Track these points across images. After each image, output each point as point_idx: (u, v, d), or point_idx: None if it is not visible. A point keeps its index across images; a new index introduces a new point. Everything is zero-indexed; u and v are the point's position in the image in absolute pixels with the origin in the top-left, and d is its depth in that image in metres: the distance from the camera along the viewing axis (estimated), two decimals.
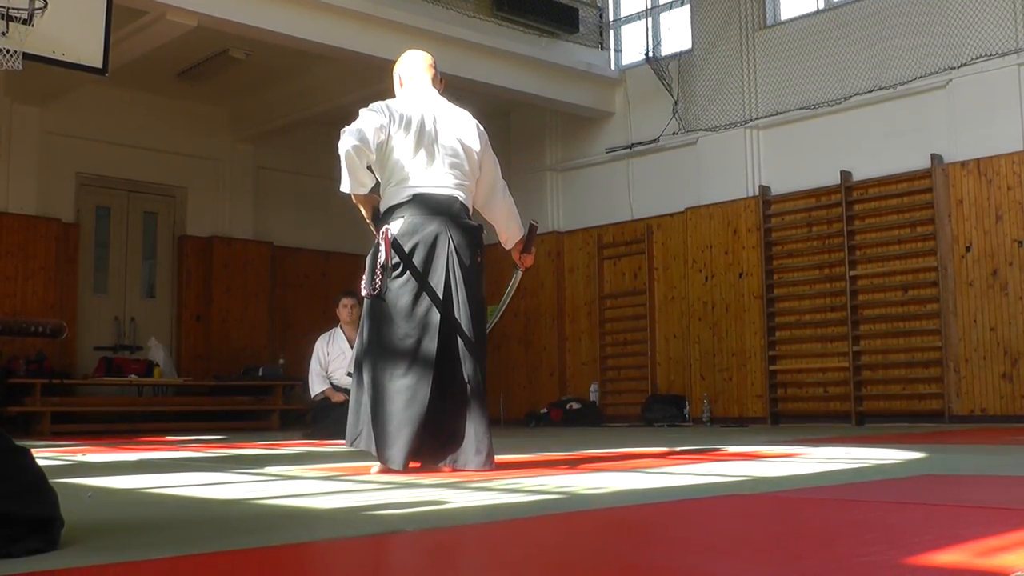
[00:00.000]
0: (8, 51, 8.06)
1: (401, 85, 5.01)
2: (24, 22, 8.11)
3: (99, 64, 8.81)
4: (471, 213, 4.82)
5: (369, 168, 4.60)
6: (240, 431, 11.66)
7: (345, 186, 4.58)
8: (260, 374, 13.13)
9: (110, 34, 8.84)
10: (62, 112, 12.61)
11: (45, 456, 6.01)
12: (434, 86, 4.96)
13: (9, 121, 12.30)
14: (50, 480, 2.26)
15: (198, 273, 13.95)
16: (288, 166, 14.73)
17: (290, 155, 14.59)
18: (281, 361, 13.53)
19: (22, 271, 12.13)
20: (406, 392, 4.42)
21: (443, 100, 4.91)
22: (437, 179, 4.65)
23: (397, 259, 4.55)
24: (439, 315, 4.50)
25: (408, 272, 4.53)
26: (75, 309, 12.69)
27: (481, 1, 12.22)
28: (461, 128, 4.80)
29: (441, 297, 4.51)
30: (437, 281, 4.53)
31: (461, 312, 4.54)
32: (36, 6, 8.16)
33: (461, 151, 4.74)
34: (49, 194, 12.62)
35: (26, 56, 8.21)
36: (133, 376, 12.33)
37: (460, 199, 4.71)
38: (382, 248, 4.57)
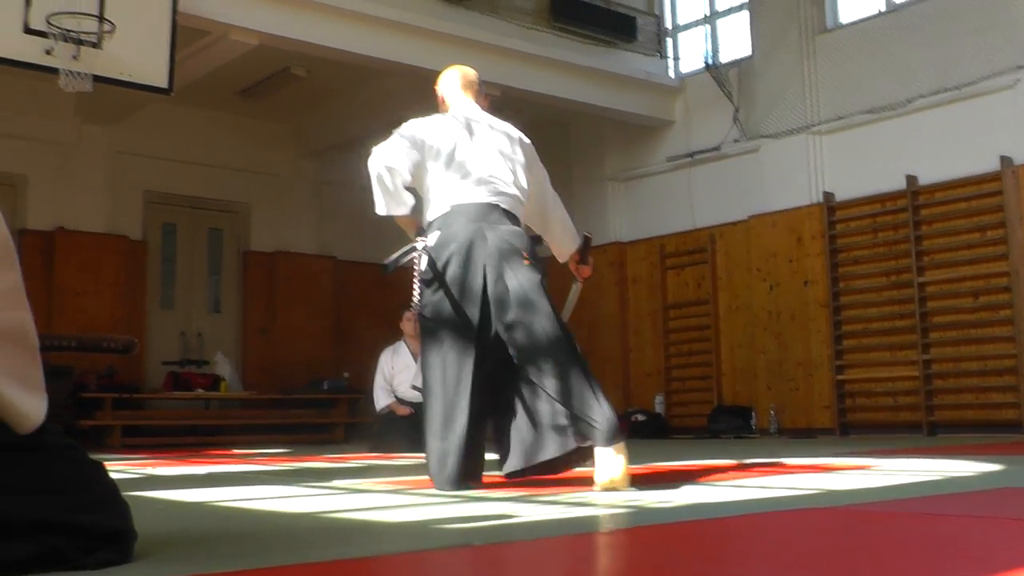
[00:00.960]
0: (78, 73, 8.23)
1: (443, 103, 4.91)
2: (93, 45, 8.28)
3: (164, 84, 8.97)
4: (521, 223, 4.60)
5: (410, 189, 4.50)
6: (305, 444, 11.74)
7: (380, 208, 4.48)
8: (325, 387, 13.21)
9: (175, 54, 9.00)
10: (129, 131, 12.80)
11: (116, 469, 6.08)
12: (477, 102, 4.84)
13: (79, 141, 12.52)
14: (122, 492, 2.28)
15: (263, 288, 14.08)
16: (350, 180, 14.74)
17: (352, 169, 14.54)
18: (345, 374, 13.60)
19: (91, 287, 12.32)
20: (450, 411, 4.25)
21: (484, 115, 4.77)
22: (476, 192, 4.47)
23: (433, 272, 4.38)
24: (476, 326, 4.30)
25: (444, 284, 4.36)
26: (143, 324, 12.85)
27: (539, 12, 12.23)
28: (502, 142, 4.64)
29: (479, 306, 4.31)
30: (474, 291, 4.33)
31: (511, 314, 4.27)
32: (104, 29, 8.33)
33: (502, 165, 4.58)
34: (117, 212, 12.81)
35: (95, 78, 8.39)
36: (200, 390, 12.48)
37: (501, 206, 4.50)
38: (420, 262, 4.43)
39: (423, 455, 4.44)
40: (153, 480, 5.67)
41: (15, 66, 8.35)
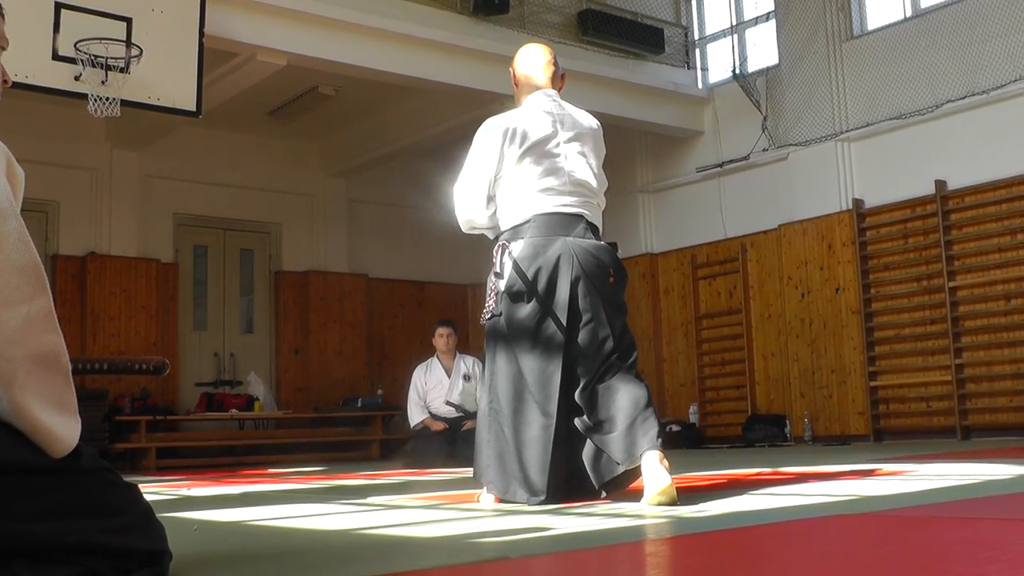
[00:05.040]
0: (107, 99, 8.30)
1: (516, 85, 4.72)
2: (121, 70, 8.36)
3: (193, 107, 9.03)
4: (601, 230, 4.50)
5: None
6: (341, 462, 11.76)
7: (464, 227, 4.59)
8: (359, 405, 13.22)
9: (202, 77, 9.05)
10: (159, 155, 12.88)
11: (151, 491, 6.11)
12: (553, 86, 4.67)
13: (110, 166, 12.61)
14: (157, 514, 2.29)
15: (295, 307, 14.13)
16: (380, 198, 14.87)
17: (382, 187, 14.73)
18: (379, 391, 13.63)
19: (125, 311, 12.39)
20: (533, 429, 4.16)
21: (564, 105, 4.62)
22: (560, 198, 4.37)
23: (518, 285, 4.27)
24: (563, 343, 4.20)
25: (530, 298, 4.25)
26: (176, 346, 12.92)
27: (567, 26, 12.25)
28: (585, 139, 4.53)
29: (565, 324, 4.21)
30: (560, 307, 4.23)
31: (592, 335, 4.21)
32: (132, 54, 8.40)
33: (585, 164, 4.47)
34: (148, 235, 12.89)
35: (124, 103, 8.47)
36: (234, 410, 12.51)
37: (586, 217, 4.41)
38: (504, 273, 4.32)
39: (460, 470, 4.42)
40: (188, 501, 5.69)
41: (45, 93, 8.43)
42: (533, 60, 4.71)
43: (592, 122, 4.65)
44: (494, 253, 4.41)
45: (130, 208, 12.71)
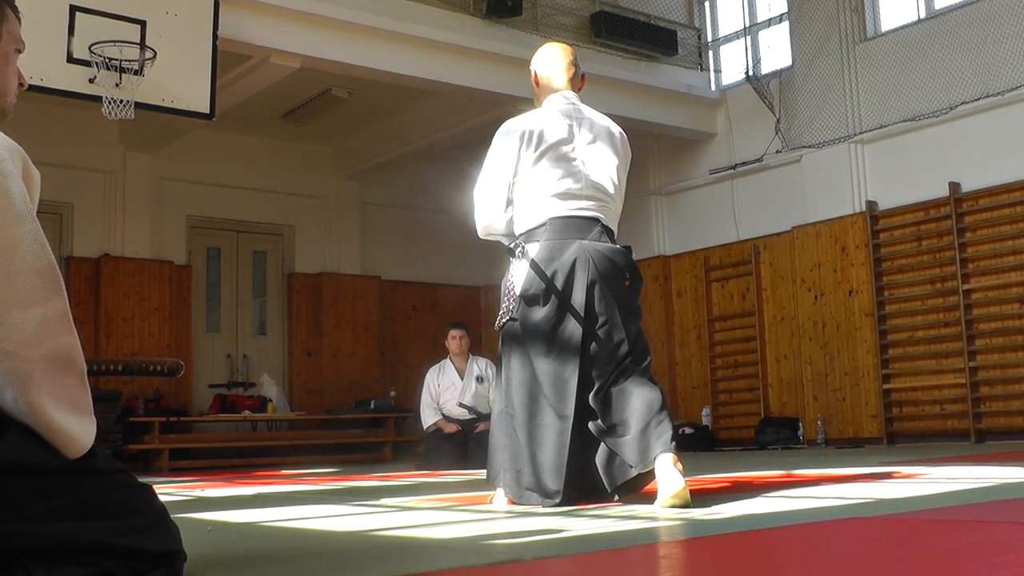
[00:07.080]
0: (121, 101, 8.32)
1: (537, 84, 4.70)
2: (135, 73, 8.38)
3: (206, 109, 9.05)
4: (616, 234, 4.50)
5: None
6: (353, 463, 11.77)
7: (480, 232, 4.59)
8: (372, 407, 13.22)
9: (216, 80, 9.07)
10: (172, 158, 12.91)
11: (165, 492, 6.12)
12: (573, 87, 4.65)
13: (123, 169, 12.64)
14: (171, 514, 2.29)
15: (308, 309, 14.15)
16: (393, 201, 14.90)
17: (395, 190, 14.75)
18: (392, 393, 13.64)
19: (138, 313, 12.42)
20: (548, 431, 4.15)
21: (583, 108, 4.60)
22: (575, 201, 4.36)
23: (535, 287, 4.27)
24: (579, 346, 4.18)
25: (545, 302, 4.25)
26: (189, 348, 12.95)
27: (580, 28, 12.25)
28: (603, 144, 4.51)
29: (581, 324, 4.20)
30: (577, 309, 4.22)
31: (607, 338, 4.21)
32: (146, 56, 8.42)
33: (602, 169, 4.45)
34: (162, 237, 12.92)
35: (138, 105, 8.49)
36: (247, 412, 12.53)
37: (602, 220, 4.40)
38: (521, 274, 4.33)
39: (472, 471, 4.41)
40: (202, 502, 5.70)
41: (60, 95, 8.46)
42: (553, 61, 4.69)
43: (614, 128, 4.63)
44: (508, 256, 4.42)
45: (143, 210, 12.75)
